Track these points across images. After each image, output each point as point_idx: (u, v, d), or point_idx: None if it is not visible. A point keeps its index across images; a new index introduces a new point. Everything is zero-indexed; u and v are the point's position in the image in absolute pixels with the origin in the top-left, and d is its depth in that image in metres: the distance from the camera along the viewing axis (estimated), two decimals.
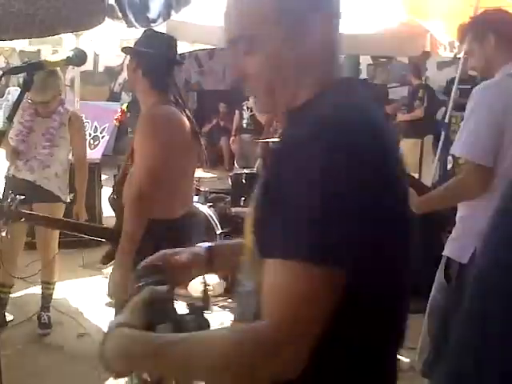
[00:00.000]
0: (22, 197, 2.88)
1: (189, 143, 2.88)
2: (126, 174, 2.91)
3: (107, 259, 2.98)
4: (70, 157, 4.43)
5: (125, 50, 3.02)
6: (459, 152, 2.27)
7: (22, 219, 2.94)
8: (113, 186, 3.13)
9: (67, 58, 1.86)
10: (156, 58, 2.85)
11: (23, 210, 2.94)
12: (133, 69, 2.84)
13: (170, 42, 3.04)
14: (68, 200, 4.35)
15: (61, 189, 4.23)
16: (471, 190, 2.24)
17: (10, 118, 1.79)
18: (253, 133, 9.08)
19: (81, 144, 4.43)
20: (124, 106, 10.05)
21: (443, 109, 7.90)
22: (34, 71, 1.77)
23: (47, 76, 3.81)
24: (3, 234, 2.72)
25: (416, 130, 7.85)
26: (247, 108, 9.07)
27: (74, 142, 4.30)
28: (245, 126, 9.14)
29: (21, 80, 2.04)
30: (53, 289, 4.38)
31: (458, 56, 5.98)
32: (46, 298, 4.35)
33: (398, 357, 4.04)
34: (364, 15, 5.71)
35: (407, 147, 7.64)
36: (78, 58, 1.89)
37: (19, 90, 1.90)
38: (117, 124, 9.53)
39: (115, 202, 2.99)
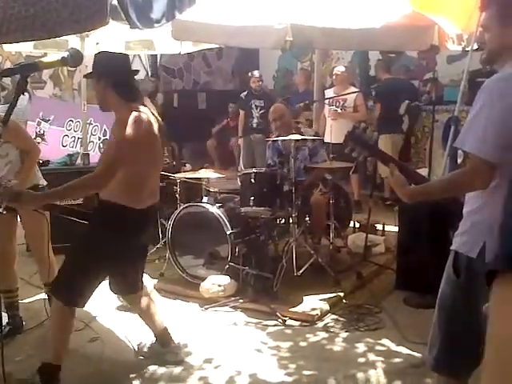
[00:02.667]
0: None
1: (154, 145, 3.39)
2: None
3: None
4: None
5: (88, 75, 3.48)
6: (468, 147, 2.20)
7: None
8: None
9: (62, 58, 1.83)
10: (120, 74, 3.34)
11: None
12: (103, 88, 3.32)
13: (124, 57, 3.57)
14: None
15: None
16: (474, 184, 2.19)
17: (4, 122, 1.77)
18: (263, 132, 9.02)
19: (19, 143, 4.08)
20: None
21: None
22: (27, 72, 1.74)
23: None
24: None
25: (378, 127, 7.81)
26: (256, 107, 8.99)
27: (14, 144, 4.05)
28: (255, 125, 9.06)
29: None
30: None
31: (466, 49, 5.89)
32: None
33: (410, 352, 4.03)
34: (370, 10, 5.65)
35: (386, 143, 7.60)
36: (74, 58, 1.87)
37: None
38: None
39: None
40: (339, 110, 7.93)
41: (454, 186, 2.32)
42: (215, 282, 4.84)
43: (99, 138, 10.18)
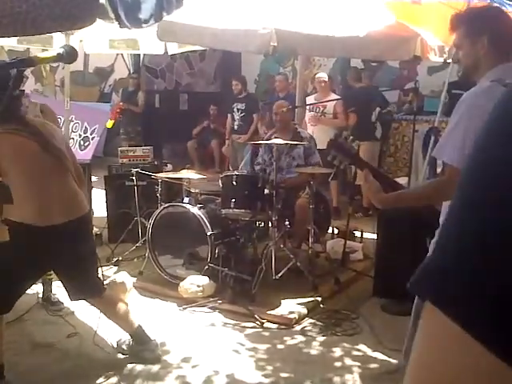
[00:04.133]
0: None
1: (33, 161, 3.27)
2: None
3: None
4: None
5: None
6: (446, 157, 2.26)
7: None
8: None
9: (57, 54, 1.85)
10: None
11: None
12: None
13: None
14: None
15: None
16: (450, 194, 2.22)
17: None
18: (243, 135, 9.06)
19: None
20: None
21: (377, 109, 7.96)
22: (23, 67, 1.75)
23: None
24: None
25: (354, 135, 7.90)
26: (237, 110, 9.04)
27: None
28: (236, 128, 9.10)
29: None
30: (51, 274, 4.33)
31: (447, 61, 6.00)
32: (47, 281, 4.54)
33: (386, 358, 4.07)
34: (354, 19, 5.73)
35: (363, 150, 7.68)
36: (69, 54, 1.88)
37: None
38: (112, 120, 9.47)
39: None
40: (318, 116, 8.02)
41: (429, 195, 2.38)
42: (194, 283, 4.85)
43: (80, 135, 10.15)
